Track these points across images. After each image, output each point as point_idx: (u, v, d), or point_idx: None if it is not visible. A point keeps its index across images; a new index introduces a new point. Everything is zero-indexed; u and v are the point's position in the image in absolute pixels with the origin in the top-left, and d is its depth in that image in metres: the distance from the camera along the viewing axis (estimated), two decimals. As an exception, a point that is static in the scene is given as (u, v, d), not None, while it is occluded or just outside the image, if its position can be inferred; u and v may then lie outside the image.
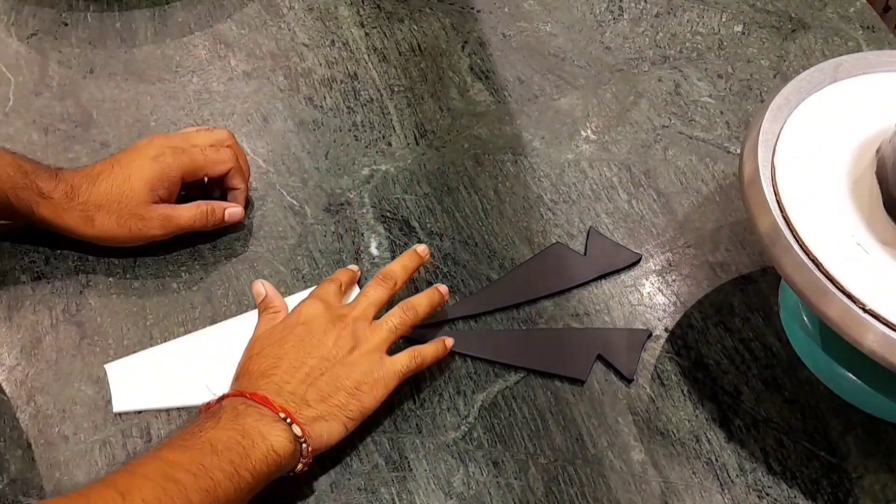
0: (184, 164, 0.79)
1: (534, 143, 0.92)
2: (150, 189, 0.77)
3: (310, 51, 0.98)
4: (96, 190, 0.76)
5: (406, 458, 0.71)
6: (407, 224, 0.85)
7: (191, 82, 0.95)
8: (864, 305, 0.63)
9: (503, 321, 0.79)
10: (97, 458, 0.69)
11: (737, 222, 0.87)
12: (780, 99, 0.74)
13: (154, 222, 0.78)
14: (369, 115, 0.93)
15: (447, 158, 0.90)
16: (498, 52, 1.00)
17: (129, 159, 0.78)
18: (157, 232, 0.78)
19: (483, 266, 0.82)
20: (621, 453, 0.72)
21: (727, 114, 0.95)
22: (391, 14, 1.02)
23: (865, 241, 0.67)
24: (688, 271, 0.83)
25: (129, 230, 0.77)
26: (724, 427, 0.74)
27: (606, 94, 0.97)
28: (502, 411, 0.74)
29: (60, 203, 0.76)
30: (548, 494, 0.70)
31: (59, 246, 0.80)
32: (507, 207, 0.87)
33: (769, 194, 0.68)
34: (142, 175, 0.77)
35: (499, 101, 0.95)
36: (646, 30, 1.03)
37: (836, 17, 1.05)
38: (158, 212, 0.78)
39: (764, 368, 0.77)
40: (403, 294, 0.80)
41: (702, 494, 0.71)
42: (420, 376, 0.75)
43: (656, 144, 0.92)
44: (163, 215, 0.78)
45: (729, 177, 0.90)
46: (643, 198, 0.88)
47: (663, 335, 0.79)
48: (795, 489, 0.71)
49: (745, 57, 1.01)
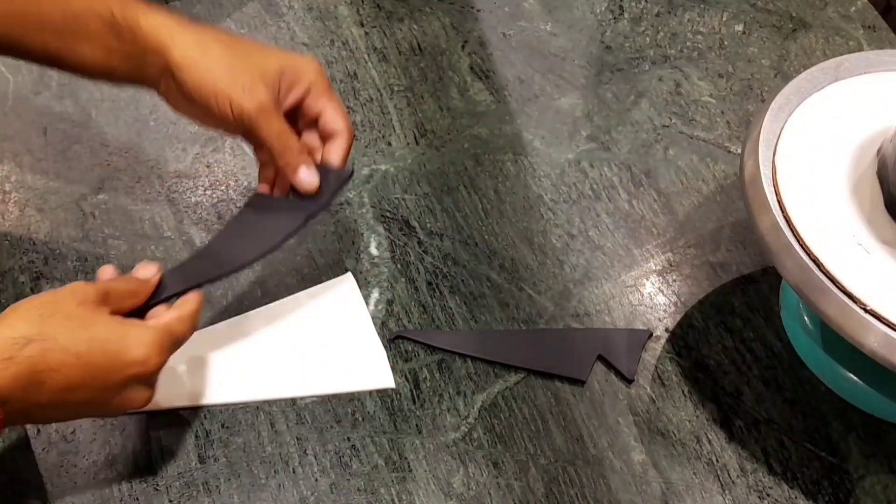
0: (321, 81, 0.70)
1: (534, 143, 0.92)
2: (280, 69, 0.68)
3: (309, 50, 0.98)
4: (227, 36, 0.68)
5: (406, 459, 0.71)
6: (407, 224, 0.85)
7: (190, 82, 0.94)
8: (865, 305, 0.63)
9: (503, 321, 0.79)
10: (97, 458, 0.69)
11: (737, 222, 0.87)
12: (780, 98, 0.74)
13: (258, 95, 0.66)
14: (369, 114, 0.93)
15: (447, 158, 0.90)
16: (498, 52, 1.00)
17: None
18: (249, 108, 0.66)
19: (483, 266, 0.82)
20: (622, 454, 0.72)
21: (728, 113, 0.95)
22: (391, 13, 1.02)
23: (866, 240, 0.67)
24: (688, 271, 0.83)
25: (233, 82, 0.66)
26: (725, 427, 0.74)
27: (607, 94, 0.96)
28: (502, 412, 0.74)
29: (176, 20, 0.67)
30: (548, 495, 0.70)
31: (59, 246, 0.80)
32: (507, 207, 0.87)
33: (770, 194, 0.68)
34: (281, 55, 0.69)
35: (499, 100, 0.95)
36: (646, 29, 1.03)
37: (837, 17, 1.05)
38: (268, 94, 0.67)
39: (765, 369, 0.77)
40: (403, 295, 0.80)
41: (702, 495, 0.70)
42: (420, 376, 0.75)
43: (657, 144, 0.92)
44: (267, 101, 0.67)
45: (730, 176, 0.90)
46: (644, 197, 0.88)
47: (664, 335, 0.79)
48: (796, 490, 0.71)
49: (745, 56, 1.00)
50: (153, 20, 0.67)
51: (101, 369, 0.60)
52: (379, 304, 0.79)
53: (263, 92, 0.67)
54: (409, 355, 0.76)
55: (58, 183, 0.84)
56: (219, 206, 0.84)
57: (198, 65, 0.66)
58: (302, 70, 0.69)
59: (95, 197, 0.84)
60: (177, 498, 0.68)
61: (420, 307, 0.79)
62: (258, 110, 0.66)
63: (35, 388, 0.58)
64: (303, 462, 0.70)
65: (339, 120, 0.70)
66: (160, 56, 0.67)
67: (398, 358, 0.76)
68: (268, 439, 0.71)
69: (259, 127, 0.67)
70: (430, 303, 0.80)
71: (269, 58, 0.68)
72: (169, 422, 0.72)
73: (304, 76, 0.69)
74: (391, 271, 0.81)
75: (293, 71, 0.69)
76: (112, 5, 0.66)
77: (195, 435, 0.71)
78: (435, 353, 0.77)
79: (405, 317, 0.79)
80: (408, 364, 0.76)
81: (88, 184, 0.84)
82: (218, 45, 0.67)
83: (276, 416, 0.72)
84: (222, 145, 0.89)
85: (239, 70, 0.66)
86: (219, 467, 0.69)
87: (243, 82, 0.66)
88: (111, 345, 0.61)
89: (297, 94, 0.69)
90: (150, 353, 0.62)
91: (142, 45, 0.67)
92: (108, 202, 0.84)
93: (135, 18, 0.66)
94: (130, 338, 0.62)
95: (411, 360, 0.76)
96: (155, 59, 0.67)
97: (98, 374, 0.60)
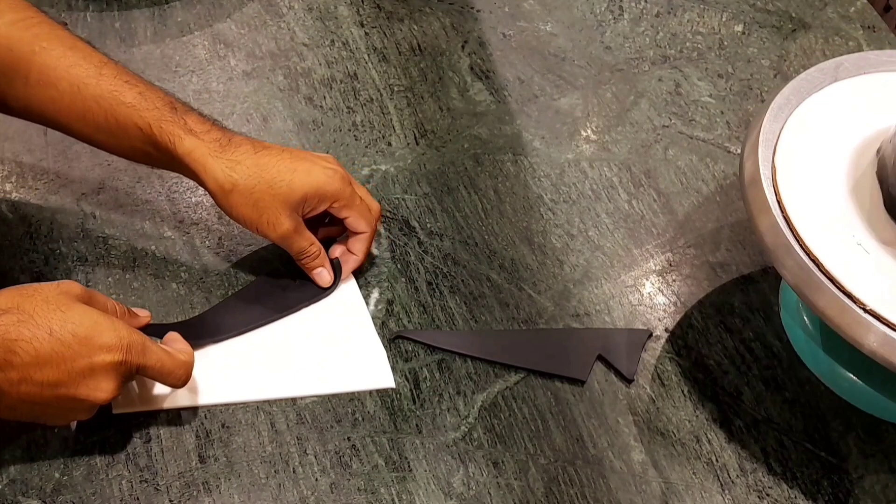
0: (344, 195, 0.75)
1: (534, 143, 0.92)
2: (304, 196, 0.73)
3: (309, 50, 0.98)
4: (255, 159, 0.72)
5: (406, 459, 0.71)
6: (407, 224, 0.85)
7: (190, 82, 0.94)
8: (865, 305, 0.63)
9: (503, 321, 0.79)
10: (97, 458, 0.69)
11: (737, 222, 0.87)
12: (780, 99, 0.74)
13: (280, 229, 0.74)
14: (369, 114, 0.93)
15: (447, 158, 0.90)
16: (498, 52, 1.00)
17: (302, 155, 0.75)
18: (272, 236, 0.74)
19: (483, 266, 0.82)
20: (621, 454, 0.72)
21: (728, 114, 0.95)
22: (391, 14, 1.02)
23: (866, 241, 0.67)
24: (688, 271, 0.83)
25: (259, 217, 0.73)
26: (725, 427, 0.74)
27: (607, 94, 0.96)
28: (502, 412, 0.74)
29: (209, 147, 0.72)
30: (548, 495, 0.70)
31: (59, 246, 0.80)
32: (507, 207, 0.87)
33: (770, 194, 0.68)
34: (307, 178, 0.73)
35: (499, 100, 0.95)
36: (646, 29, 1.03)
37: (837, 17, 1.05)
38: (290, 222, 0.74)
39: (764, 369, 0.77)
40: (403, 295, 0.80)
41: (702, 495, 0.70)
42: (420, 376, 0.75)
43: (656, 144, 0.92)
44: (290, 229, 0.74)
45: (729, 177, 0.90)
46: (643, 198, 0.88)
47: (664, 335, 0.79)
48: (796, 490, 0.71)
49: (745, 57, 1.00)
50: (188, 145, 0.72)
51: (69, 348, 0.62)
52: (379, 304, 0.79)
53: (286, 223, 0.74)
54: (409, 355, 0.76)
55: (58, 183, 0.84)
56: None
57: (228, 198, 0.73)
58: (324, 191, 0.74)
59: (95, 197, 0.84)
60: (177, 498, 0.68)
61: (420, 307, 0.79)
62: (281, 239, 0.75)
63: (6, 357, 0.60)
64: (303, 462, 0.70)
65: (363, 224, 0.77)
66: (196, 177, 0.73)
67: (398, 358, 0.76)
68: (268, 439, 0.71)
69: (281, 245, 0.76)
70: (430, 303, 0.80)
71: (294, 184, 0.73)
72: (169, 422, 0.72)
73: (328, 196, 0.75)
74: (391, 271, 0.81)
75: (316, 195, 0.74)
76: (152, 122, 0.71)
77: (195, 435, 0.71)
78: (435, 353, 0.77)
79: (405, 317, 0.79)
80: (408, 364, 0.76)
81: (88, 184, 0.84)
82: (245, 179, 0.72)
83: (276, 416, 0.72)
84: (222, 145, 0.89)
85: (264, 205, 0.73)
86: (219, 467, 0.69)
87: (268, 218, 0.73)
88: (83, 328, 0.63)
89: (322, 208, 0.76)
90: (119, 343, 0.64)
91: (178, 164, 0.73)
92: (108, 202, 0.84)
93: (172, 140, 0.71)
94: (103, 325, 0.64)
95: (411, 360, 0.76)
96: (192, 176, 0.74)
97: (67, 354, 0.62)
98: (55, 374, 0.62)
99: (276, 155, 0.74)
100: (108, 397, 0.64)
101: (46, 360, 0.62)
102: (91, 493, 0.68)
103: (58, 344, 0.62)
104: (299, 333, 0.77)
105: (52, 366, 0.62)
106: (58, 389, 0.63)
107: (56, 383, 0.62)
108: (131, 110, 0.71)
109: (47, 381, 0.62)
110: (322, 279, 0.78)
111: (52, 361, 0.62)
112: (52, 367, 0.62)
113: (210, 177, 0.72)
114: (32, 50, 0.71)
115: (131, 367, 0.65)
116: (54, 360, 0.62)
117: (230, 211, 0.74)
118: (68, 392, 0.63)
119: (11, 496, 0.67)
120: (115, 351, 0.64)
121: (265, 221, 0.73)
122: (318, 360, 0.76)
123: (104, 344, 0.63)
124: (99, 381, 0.63)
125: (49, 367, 0.62)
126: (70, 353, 0.62)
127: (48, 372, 0.62)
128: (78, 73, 0.71)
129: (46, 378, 0.62)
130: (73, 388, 0.63)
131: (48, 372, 0.62)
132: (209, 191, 0.73)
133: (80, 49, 0.72)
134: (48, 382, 0.62)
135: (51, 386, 0.62)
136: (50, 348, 0.62)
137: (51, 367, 0.62)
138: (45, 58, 0.71)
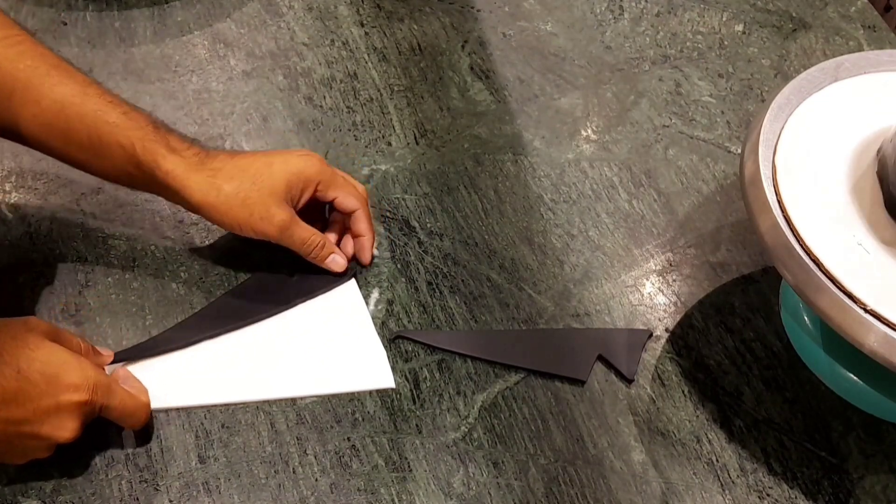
0: (325, 175, 0.77)
1: (534, 143, 0.92)
2: (287, 182, 0.74)
3: (309, 50, 0.98)
4: (233, 163, 0.74)
5: (406, 459, 0.71)
6: (407, 224, 0.85)
7: (190, 82, 0.94)
8: (865, 305, 0.62)
9: (503, 321, 0.79)
10: (96, 458, 0.69)
11: (737, 222, 0.87)
12: (780, 98, 0.74)
13: (275, 220, 0.74)
14: (369, 114, 0.93)
15: (447, 158, 0.90)
16: (498, 52, 1.00)
17: (277, 151, 0.76)
18: (270, 231, 0.74)
19: (483, 266, 0.82)
20: (622, 454, 0.72)
21: (728, 113, 0.95)
22: (391, 13, 1.02)
23: (866, 241, 0.67)
24: (688, 271, 0.83)
25: (250, 215, 0.73)
26: (725, 427, 0.74)
27: (607, 94, 0.96)
28: (502, 412, 0.74)
29: (190, 162, 0.72)
30: (548, 495, 0.70)
31: (59, 246, 0.80)
32: (507, 207, 0.87)
33: (770, 194, 0.68)
34: (285, 166, 0.75)
35: (499, 100, 0.95)
36: (646, 29, 1.03)
37: (837, 17, 1.05)
38: (284, 213, 0.74)
39: (765, 369, 0.77)
40: (403, 295, 0.80)
41: (702, 495, 0.70)
42: (420, 376, 0.75)
43: (657, 144, 0.92)
44: (285, 220, 0.74)
45: (730, 176, 0.90)
46: (644, 197, 0.88)
47: (664, 335, 0.79)
48: (796, 490, 0.71)
49: (745, 56, 1.00)
50: (170, 164, 0.72)
51: (36, 387, 0.62)
52: (379, 304, 0.79)
53: (279, 213, 0.74)
54: (409, 355, 0.76)
55: (58, 183, 0.84)
56: (219, 206, 0.84)
57: (216, 207, 0.73)
58: (305, 173, 0.76)
59: (95, 197, 0.84)
60: (177, 498, 0.68)
61: (420, 307, 0.79)
62: (279, 231, 0.75)
63: None
64: (303, 462, 0.70)
65: (352, 200, 0.78)
66: (179, 196, 0.73)
67: (398, 358, 0.76)
68: (268, 439, 0.71)
69: (284, 241, 0.76)
70: (430, 303, 0.80)
71: (275, 174, 0.74)
72: (169, 422, 0.72)
73: (310, 178, 0.76)
74: (391, 271, 0.81)
75: (298, 179, 0.75)
76: (135, 140, 0.71)
77: (195, 435, 0.71)
78: (435, 353, 0.77)
79: (405, 317, 0.79)
80: (408, 364, 0.76)
81: (88, 184, 0.84)
82: (228, 182, 0.73)
83: (276, 416, 0.72)
84: (222, 145, 0.89)
85: (252, 202, 0.73)
86: (219, 467, 0.69)
87: (259, 213, 0.73)
88: (51, 367, 0.63)
89: (309, 194, 0.77)
90: (86, 383, 0.64)
91: (161, 184, 0.73)
92: (107, 202, 0.84)
93: (154, 160, 0.72)
94: (70, 364, 0.64)
95: (411, 360, 0.76)
96: (174, 197, 0.74)
97: (33, 393, 0.62)
98: (20, 412, 0.62)
99: (252, 156, 0.76)
100: (71, 437, 0.64)
101: (13, 397, 0.62)
102: (91, 493, 0.68)
103: (25, 382, 0.62)
104: (299, 333, 0.77)
105: (18, 404, 0.62)
106: (21, 427, 0.63)
107: (20, 421, 0.62)
108: (115, 129, 0.71)
109: (12, 419, 0.62)
110: (336, 264, 0.78)
111: (18, 399, 0.62)
112: (17, 406, 0.62)
113: (195, 189, 0.72)
114: (17, 67, 0.71)
115: (95, 407, 0.65)
116: (20, 398, 0.62)
117: (221, 219, 0.74)
118: (31, 430, 0.63)
119: (11, 496, 0.67)
120: (82, 391, 0.64)
121: (258, 217, 0.73)
122: (318, 361, 0.76)
123: (71, 383, 0.64)
124: (63, 421, 0.64)
125: (14, 406, 0.62)
126: (37, 391, 0.62)
127: (13, 410, 0.62)
128: (62, 92, 0.71)
129: (11, 416, 0.62)
130: (36, 427, 0.63)
131: (13, 410, 0.62)
132: (196, 205, 0.73)
133: (64, 68, 0.72)
134: (12, 420, 0.62)
135: (15, 423, 0.62)
136: (17, 386, 0.62)
137: (16, 406, 0.62)
138: (29, 75, 0.71)
